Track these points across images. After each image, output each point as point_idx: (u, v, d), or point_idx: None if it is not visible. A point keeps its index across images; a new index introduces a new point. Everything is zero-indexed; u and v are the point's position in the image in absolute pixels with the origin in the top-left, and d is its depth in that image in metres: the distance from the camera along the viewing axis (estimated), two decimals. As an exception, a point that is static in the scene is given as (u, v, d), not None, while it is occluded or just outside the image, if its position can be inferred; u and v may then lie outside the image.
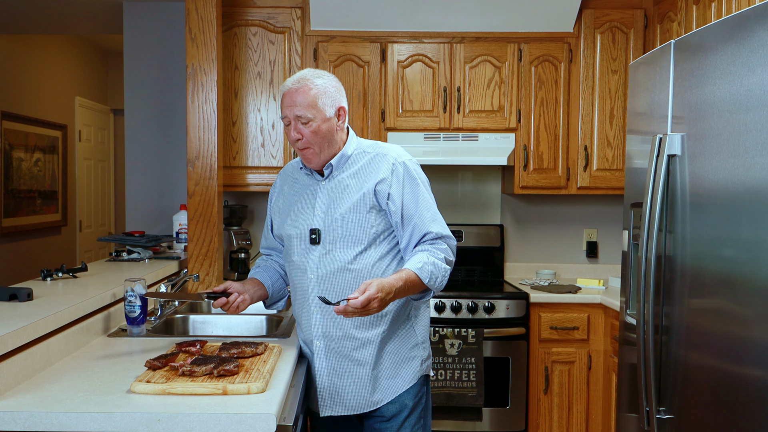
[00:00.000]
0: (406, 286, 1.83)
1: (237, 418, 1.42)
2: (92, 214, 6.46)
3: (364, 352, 1.95)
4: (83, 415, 1.42)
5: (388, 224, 1.96)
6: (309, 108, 1.89)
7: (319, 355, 1.98)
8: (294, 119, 1.91)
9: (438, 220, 1.97)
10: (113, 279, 2.49)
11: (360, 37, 3.51)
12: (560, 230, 3.94)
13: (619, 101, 3.51)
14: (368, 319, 1.93)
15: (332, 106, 1.93)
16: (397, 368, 1.98)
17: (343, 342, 1.95)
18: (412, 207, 1.94)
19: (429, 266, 1.87)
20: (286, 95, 1.92)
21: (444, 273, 1.92)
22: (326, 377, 1.98)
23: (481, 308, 3.26)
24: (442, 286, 1.94)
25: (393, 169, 1.95)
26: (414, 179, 1.97)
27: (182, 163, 3.74)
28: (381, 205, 1.94)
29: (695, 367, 1.89)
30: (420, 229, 1.93)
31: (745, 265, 1.66)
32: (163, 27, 3.78)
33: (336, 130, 1.96)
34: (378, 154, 1.99)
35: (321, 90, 1.91)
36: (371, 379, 1.96)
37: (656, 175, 2.03)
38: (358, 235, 1.92)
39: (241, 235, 3.57)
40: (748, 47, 1.66)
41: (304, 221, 1.99)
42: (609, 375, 3.21)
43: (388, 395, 1.97)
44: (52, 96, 5.73)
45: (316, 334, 1.97)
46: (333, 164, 1.98)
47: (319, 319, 1.96)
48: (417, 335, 2.03)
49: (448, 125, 3.52)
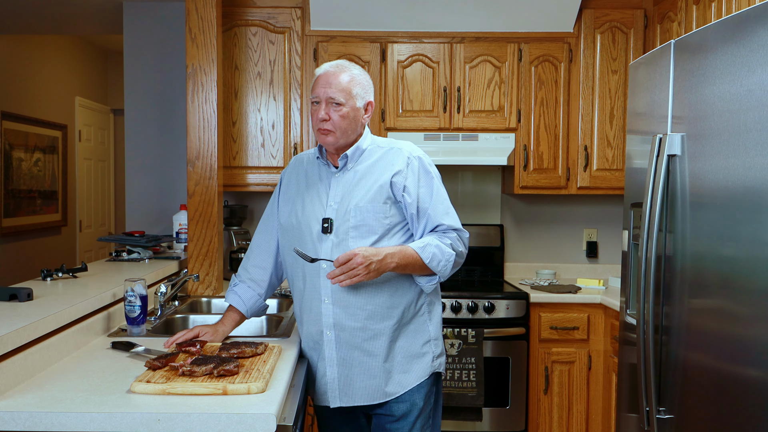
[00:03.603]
0: (402, 254, 1.89)
1: (237, 418, 1.42)
2: (92, 214, 6.46)
3: (376, 343, 1.95)
4: (83, 415, 1.42)
5: (402, 217, 1.99)
6: (343, 92, 1.94)
7: (330, 346, 1.97)
8: (326, 100, 1.95)
9: (451, 213, 2.02)
10: (113, 279, 2.49)
11: (360, 37, 3.51)
12: (560, 230, 3.94)
13: (619, 101, 3.51)
14: (380, 311, 1.94)
15: (363, 98, 1.99)
16: (409, 363, 1.99)
17: (355, 333, 1.95)
18: (427, 200, 1.98)
19: (432, 248, 1.92)
20: (322, 76, 1.97)
21: (449, 258, 1.95)
22: (336, 368, 1.97)
23: (481, 308, 3.26)
24: (446, 271, 1.97)
25: (408, 162, 1.99)
26: (429, 173, 2.02)
27: (182, 163, 3.74)
28: (396, 197, 1.97)
29: (695, 367, 1.89)
30: (433, 221, 1.98)
31: (745, 265, 1.66)
32: (163, 27, 3.78)
33: (360, 121, 2.00)
34: (392, 149, 2.03)
35: (357, 79, 1.98)
36: (384, 371, 1.96)
37: (656, 175, 2.03)
38: (372, 225, 1.94)
39: (241, 235, 3.57)
40: (748, 47, 1.66)
41: (316, 210, 2.00)
42: (609, 375, 3.21)
43: (398, 389, 1.98)
44: (52, 96, 5.73)
45: (326, 324, 1.97)
46: (348, 155, 2.00)
47: (330, 309, 1.96)
48: (430, 331, 2.04)
49: (448, 125, 3.52)
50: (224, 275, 3.40)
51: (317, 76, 1.99)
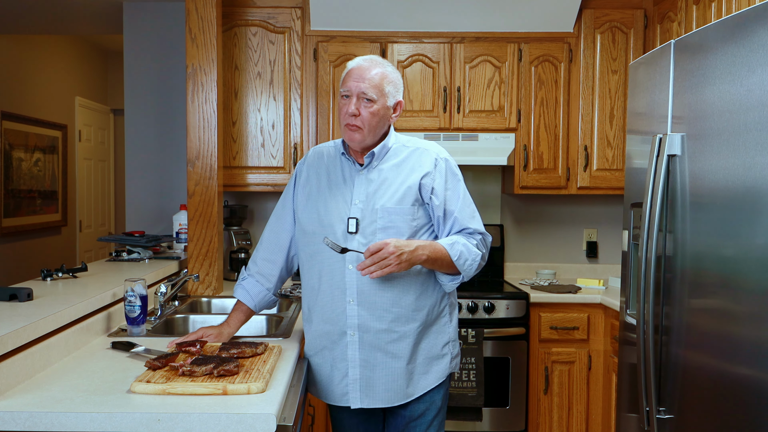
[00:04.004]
0: (432, 249, 1.88)
1: (237, 418, 1.42)
2: (92, 214, 6.46)
3: (400, 345, 1.94)
4: (83, 415, 1.42)
5: (428, 219, 1.99)
6: (375, 89, 1.92)
7: (353, 347, 1.95)
8: (358, 95, 1.91)
9: (476, 217, 2.04)
10: (113, 279, 2.49)
11: (360, 37, 3.51)
12: (560, 230, 3.94)
13: (619, 101, 3.51)
14: (406, 313, 1.94)
15: (394, 97, 1.97)
16: (429, 364, 1.99)
17: (380, 334, 1.94)
18: (454, 203, 1.98)
19: (460, 245, 1.93)
20: (355, 70, 1.93)
21: (474, 257, 1.96)
22: (358, 369, 1.95)
23: (481, 308, 3.26)
24: (471, 271, 1.97)
25: (436, 163, 1.99)
26: (456, 175, 2.03)
27: (182, 163, 3.74)
28: (424, 199, 1.96)
29: (695, 367, 1.89)
30: (460, 224, 1.98)
31: (745, 265, 1.66)
32: (163, 27, 3.78)
33: (388, 121, 1.98)
34: (418, 149, 2.02)
35: (390, 77, 1.96)
36: (406, 373, 1.95)
37: (656, 175, 2.03)
38: (401, 227, 1.93)
39: (241, 235, 3.57)
40: (748, 47, 1.66)
41: (340, 209, 1.96)
42: (609, 375, 3.21)
43: (419, 390, 1.98)
44: (52, 96, 5.73)
45: (351, 325, 1.94)
46: (375, 153, 1.97)
47: (355, 309, 1.93)
48: (449, 332, 2.05)
49: (448, 125, 3.52)
50: (224, 275, 3.40)
51: (349, 68, 1.95)
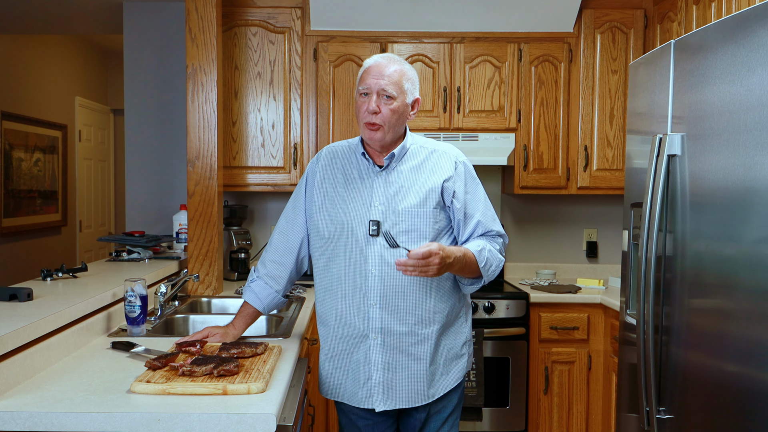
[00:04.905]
0: (464, 259, 1.88)
1: (237, 418, 1.42)
2: (92, 214, 6.46)
3: (422, 347, 1.95)
4: (83, 415, 1.42)
5: (448, 221, 1.99)
6: (395, 86, 1.90)
7: (375, 350, 1.94)
8: (378, 92, 1.90)
9: (497, 219, 2.05)
10: (113, 279, 2.49)
11: (360, 37, 3.51)
12: (560, 230, 3.94)
13: (619, 101, 3.51)
14: (428, 316, 1.94)
15: (412, 94, 1.97)
16: (449, 365, 2.00)
17: (402, 337, 1.93)
18: (474, 205, 1.99)
19: (486, 252, 1.94)
20: (374, 67, 1.92)
21: (498, 263, 1.98)
22: (381, 372, 1.95)
23: (481, 308, 3.26)
24: (493, 276, 1.99)
25: (456, 166, 1.99)
26: (475, 178, 2.03)
27: (182, 163, 3.74)
28: (446, 202, 1.96)
29: (695, 367, 1.89)
30: (484, 226, 1.99)
31: (745, 265, 1.66)
32: (163, 27, 3.78)
33: (407, 118, 1.98)
34: (437, 151, 2.02)
35: (408, 74, 1.95)
36: (428, 375, 1.96)
37: (656, 175, 2.03)
38: (423, 230, 1.92)
39: (241, 235, 3.57)
40: (748, 47, 1.66)
41: (360, 211, 1.94)
42: (609, 375, 3.21)
43: (439, 391, 1.99)
44: (52, 96, 5.73)
45: (373, 329, 1.93)
46: (396, 154, 1.97)
47: (378, 313, 1.92)
48: (466, 332, 2.06)
49: (448, 125, 3.52)
50: (224, 275, 3.40)
51: (367, 66, 1.94)
